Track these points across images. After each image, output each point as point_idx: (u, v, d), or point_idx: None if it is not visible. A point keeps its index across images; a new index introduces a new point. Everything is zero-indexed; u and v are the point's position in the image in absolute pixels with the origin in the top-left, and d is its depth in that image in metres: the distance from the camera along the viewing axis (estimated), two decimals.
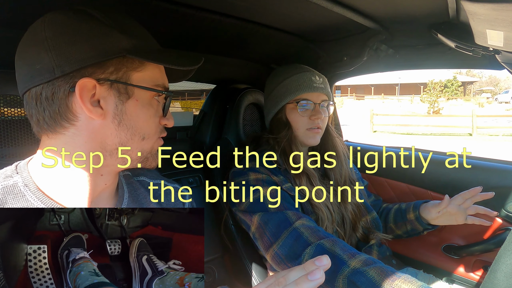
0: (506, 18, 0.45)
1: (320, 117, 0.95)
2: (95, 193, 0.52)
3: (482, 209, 0.93)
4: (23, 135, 0.71)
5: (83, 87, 0.45)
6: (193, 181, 1.10)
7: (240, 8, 0.80)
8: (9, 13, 0.65)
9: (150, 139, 0.53)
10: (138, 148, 0.52)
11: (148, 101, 0.51)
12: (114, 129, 0.49)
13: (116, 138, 0.49)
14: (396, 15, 0.80)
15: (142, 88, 0.50)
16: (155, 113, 0.53)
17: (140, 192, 0.63)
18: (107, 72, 0.47)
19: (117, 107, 0.48)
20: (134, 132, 0.50)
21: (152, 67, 0.52)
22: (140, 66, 0.50)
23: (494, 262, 0.46)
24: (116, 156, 0.51)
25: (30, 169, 0.50)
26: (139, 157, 0.53)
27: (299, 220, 0.80)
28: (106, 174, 0.53)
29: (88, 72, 0.46)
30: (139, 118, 0.50)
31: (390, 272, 0.64)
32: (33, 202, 0.47)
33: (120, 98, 0.48)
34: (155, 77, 0.52)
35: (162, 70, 0.54)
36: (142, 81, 0.50)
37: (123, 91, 0.49)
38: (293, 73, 0.96)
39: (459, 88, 29.87)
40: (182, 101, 5.66)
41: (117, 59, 0.47)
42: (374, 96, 33.46)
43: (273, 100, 0.99)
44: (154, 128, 0.53)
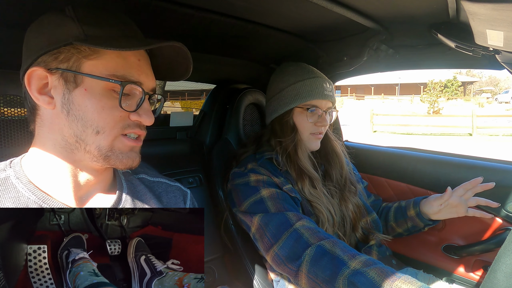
0: (506, 18, 0.45)
1: (325, 124, 0.96)
2: (80, 187, 0.53)
3: (483, 200, 0.93)
4: (23, 135, 0.71)
5: (30, 76, 0.48)
6: (193, 181, 1.10)
7: (240, 8, 0.80)
8: (9, 13, 0.65)
9: (106, 134, 0.49)
10: (94, 142, 0.49)
11: (100, 91, 0.48)
12: (65, 119, 0.49)
13: (70, 129, 0.49)
14: (396, 15, 0.80)
15: (90, 77, 0.47)
16: (110, 105, 0.49)
17: (139, 189, 0.62)
18: (58, 60, 0.48)
19: (64, 96, 0.48)
20: (85, 124, 0.48)
21: (110, 55, 0.49)
22: (93, 54, 0.48)
23: (494, 262, 0.46)
24: (82, 151, 0.50)
25: (23, 163, 0.52)
26: (99, 153, 0.50)
27: (300, 221, 0.80)
28: (84, 169, 0.52)
29: (43, 62, 0.48)
30: (87, 109, 0.48)
31: (390, 272, 0.64)
32: (24, 193, 0.48)
33: (67, 87, 0.48)
34: (112, 66, 0.48)
35: (127, 59, 0.50)
36: (94, 70, 0.48)
37: (71, 79, 0.48)
38: (306, 77, 0.95)
39: (459, 88, 29.85)
40: (182, 101, 5.66)
41: (68, 47, 0.47)
42: (374, 96, 33.46)
43: (281, 101, 0.97)
44: (110, 122, 0.49)
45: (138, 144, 0.54)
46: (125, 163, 0.52)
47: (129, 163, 0.53)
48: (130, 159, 0.53)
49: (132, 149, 0.53)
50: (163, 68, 0.59)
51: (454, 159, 1.20)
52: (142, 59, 0.52)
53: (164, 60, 0.57)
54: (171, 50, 0.54)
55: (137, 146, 0.54)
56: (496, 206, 0.92)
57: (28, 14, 0.67)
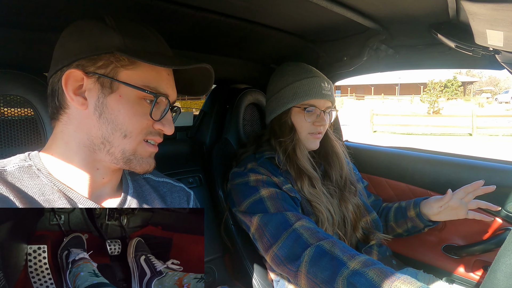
0: (506, 18, 0.45)
1: (323, 124, 0.95)
2: (95, 185, 0.55)
3: (483, 203, 0.93)
4: (23, 135, 0.71)
5: (68, 76, 0.50)
6: (193, 181, 1.10)
7: (240, 8, 0.80)
8: (10, 13, 0.65)
9: (132, 139, 0.53)
10: (120, 145, 0.53)
11: (133, 99, 0.52)
12: (96, 121, 0.51)
13: (99, 131, 0.52)
14: (396, 15, 0.80)
15: (126, 85, 0.51)
16: (141, 113, 0.53)
17: (145, 189, 0.64)
18: (96, 66, 0.51)
19: (98, 99, 0.51)
20: (115, 127, 0.51)
21: (146, 68, 0.52)
22: (131, 65, 0.51)
23: (494, 262, 0.46)
24: (104, 152, 0.53)
25: (41, 156, 0.54)
26: (122, 156, 0.53)
27: (299, 221, 0.80)
28: (101, 168, 0.55)
29: (81, 65, 0.51)
30: (120, 114, 0.51)
31: (390, 273, 0.64)
32: (47, 183, 0.51)
33: (103, 92, 0.51)
34: (146, 78, 0.52)
35: (160, 73, 0.54)
36: (130, 79, 0.51)
37: (107, 85, 0.51)
38: (303, 77, 0.95)
39: (459, 88, 29.86)
40: (182, 101, 5.66)
41: (107, 55, 0.50)
42: (374, 96, 33.46)
43: (280, 101, 0.98)
44: (137, 128, 0.53)
45: (156, 150, 0.58)
46: (144, 168, 0.56)
47: (147, 168, 0.57)
48: (148, 164, 0.57)
49: (151, 155, 0.58)
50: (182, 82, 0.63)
51: (454, 159, 1.20)
52: (170, 73, 0.57)
53: (186, 75, 0.62)
54: (196, 69, 0.57)
55: (155, 152, 0.58)
56: (496, 209, 0.91)
57: (28, 14, 0.67)
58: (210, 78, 0.60)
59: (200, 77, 0.61)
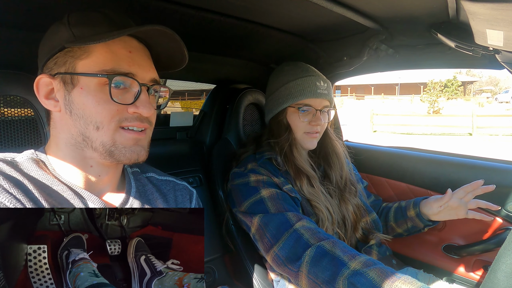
0: (506, 18, 0.45)
1: (319, 123, 0.94)
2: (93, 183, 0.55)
3: (483, 203, 0.93)
4: (23, 135, 0.71)
5: (37, 83, 0.51)
6: (193, 181, 1.10)
7: (240, 8, 0.80)
8: (10, 14, 0.65)
9: (105, 129, 0.50)
10: (98, 138, 0.51)
11: (93, 88, 0.49)
12: (70, 119, 0.51)
13: (75, 128, 0.51)
14: (396, 15, 0.80)
15: (84, 75, 0.49)
16: (105, 100, 0.49)
17: (148, 188, 0.64)
18: (57, 65, 0.51)
19: (65, 97, 0.51)
20: (86, 121, 0.50)
21: (99, 52, 0.50)
22: (83, 54, 0.50)
23: (494, 262, 0.46)
24: (89, 148, 0.52)
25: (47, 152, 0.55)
26: (103, 149, 0.51)
27: (300, 221, 0.80)
28: (95, 165, 0.54)
29: (48, 69, 0.51)
30: (86, 106, 0.50)
31: (390, 273, 0.64)
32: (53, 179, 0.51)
33: (66, 89, 0.51)
34: (101, 62, 0.49)
35: (116, 53, 0.50)
36: (86, 69, 0.50)
37: (68, 81, 0.50)
38: (298, 76, 0.95)
39: (459, 88, 29.85)
40: (182, 101, 5.65)
41: (63, 51, 0.50)
42: (374, 96, 33.46)
43: (275, 101, 0.98)
44: (106, 116, 0.50)
45: (141, 136, 0.54)
46: (129, 158, 0.52)
47: (134, 157, 0.53)
48: (134, 153, 0.53)
49: (137, 143, 0.53)
50: (164, 58, 0.60)
51: (454, 159, 1.20)
52: (133, 50, 0.52)
53: (161, 49, 0.57)
54: (164, 38, 0.54)
55: (141, 139, 0.54)
56: (496, 209, 0.91)
57: (28, 15, 0.67)
58: (177, 40, 0.54)
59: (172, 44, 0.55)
